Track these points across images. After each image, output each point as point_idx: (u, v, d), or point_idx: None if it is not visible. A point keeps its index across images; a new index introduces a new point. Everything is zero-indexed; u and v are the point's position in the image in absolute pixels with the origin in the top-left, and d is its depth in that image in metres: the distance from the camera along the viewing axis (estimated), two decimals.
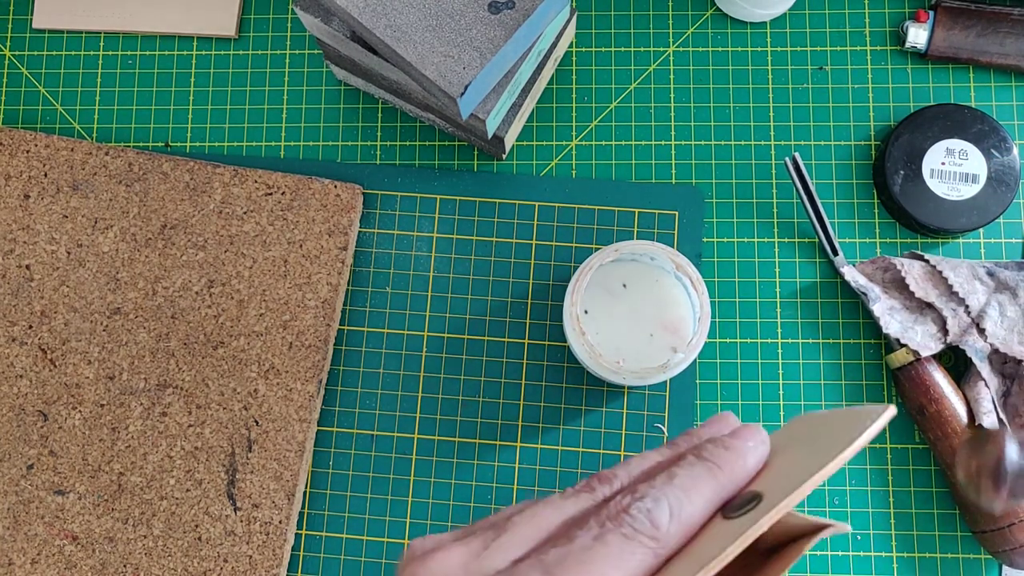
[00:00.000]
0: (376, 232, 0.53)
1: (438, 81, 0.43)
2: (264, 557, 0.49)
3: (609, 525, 0.21)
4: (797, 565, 0.48)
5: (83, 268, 0.52)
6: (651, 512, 0.21)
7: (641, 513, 0.21)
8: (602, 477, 0.24)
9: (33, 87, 0.56)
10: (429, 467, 0.51)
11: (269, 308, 0.51)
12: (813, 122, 0.53)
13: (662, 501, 0.21)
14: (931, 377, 0.47)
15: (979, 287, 0.48)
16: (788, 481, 0.22)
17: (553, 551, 0.20)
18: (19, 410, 0.51)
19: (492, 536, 0.22)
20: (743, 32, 0.54)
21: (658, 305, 0.46)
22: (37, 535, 0.50)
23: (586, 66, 0.54)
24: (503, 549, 0.21)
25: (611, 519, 0.21)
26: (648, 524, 0.21)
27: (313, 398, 0.50)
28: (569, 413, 0.51)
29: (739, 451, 0.23)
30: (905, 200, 0.50)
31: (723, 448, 0.23)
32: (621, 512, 0.21)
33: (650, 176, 0.53)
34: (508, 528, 0.22)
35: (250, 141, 0.55)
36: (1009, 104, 0.52)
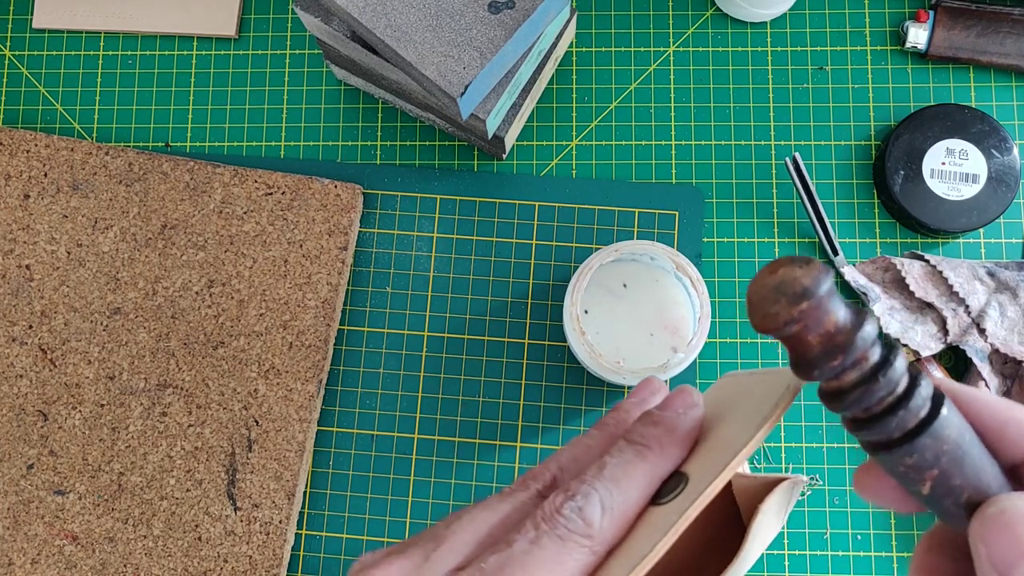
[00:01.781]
0: (376, 232, 0.53)
1: (438, 81, 0.43)
2: (264, 557, 0.49)
3: (544, 527, 0.21)
4: (796, 564, 0.48)
5: (83, 268, 0.52)
6: (583, 511, 0.21)
7: (573, 512, 0.21)
8: (534, 473, 0.23)
9: (33, 87, 0.56)
10: (429, 467, 0.51)
11: (269, 308, 0.51)
12: (813, 122, 0.53)
13: (592, 497, 0.21)
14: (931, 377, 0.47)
15: (979, 287, 0.48)
16: (714, 458, 0.21)
17: (492, 558, 0.20)
18: (19, 410, 0.51)
19: (432, 547, 0.22)
20: (743, 32, 0.54)
21: (658, 305, 0.46)
22: (37, 535, 0.50)
23: (586, 66, 0.54)
24: (443, 559, 0.21)
25: (545, 521, 0.21)
26: (581, 523, 0.21)
27: (313, 398, 0.50)
28: (569, 413, 0.51)
29: (669, 425, 0.23)
30: (905, 200, 0.50)
31: (652, 425, 0.23)
32: (554, 513, 0.21)
33: (650, 176, 0.53)
34: (447, 537, 0.22)
35: (250, 141, 0.55)
36: (1009, 104, 0.52)
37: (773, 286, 0.18)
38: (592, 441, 0.24)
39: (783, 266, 0.18)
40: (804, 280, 0.18)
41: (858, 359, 0.18)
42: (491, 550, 0.21)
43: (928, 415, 0.19)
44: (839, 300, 0.18)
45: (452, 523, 0.22)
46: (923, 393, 0.19)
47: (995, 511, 0.18)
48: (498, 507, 0.22)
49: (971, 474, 0.19)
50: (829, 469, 0.49)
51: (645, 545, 0.20)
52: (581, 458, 0.23)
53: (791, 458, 0.50)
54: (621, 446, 0.22)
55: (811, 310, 0.18)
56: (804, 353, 0.19)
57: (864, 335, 0.18)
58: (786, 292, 0.18)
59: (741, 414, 0.22)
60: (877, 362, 0.19)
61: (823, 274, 0.18)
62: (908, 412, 0.18)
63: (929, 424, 0.18)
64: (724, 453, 0.21)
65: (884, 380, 0.18)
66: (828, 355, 0.18)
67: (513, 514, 0.22)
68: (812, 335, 0.18)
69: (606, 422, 0.25)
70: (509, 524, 0.22)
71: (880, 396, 0.19)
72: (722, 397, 0.25)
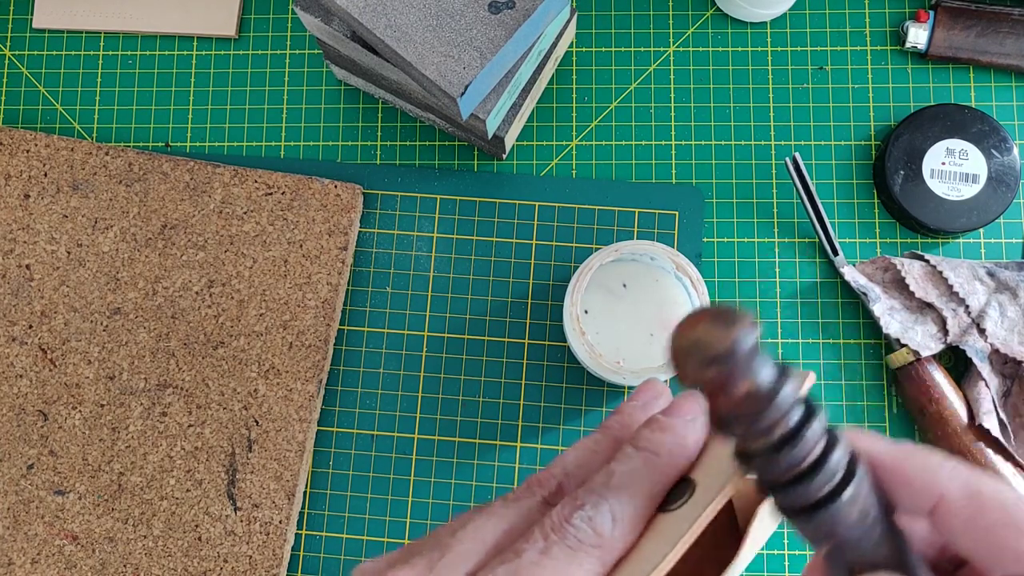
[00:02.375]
0: (376, 232, 0.53)
1: (438, 81, 0.43)
2: (264, 557, 0.49)
3: (553, 537, 0.20)
4: (796, 565, 0.48)
5: (83, 268, 0.52)
6: (592, 520, 0.21)
7: (583, 522, 0.20)
8: (540, 479, 0.23)
9: (33, 87, 0.56)
10: (429, 467, 0.51)
11: (269, 308, 0.51)
12: (813, 122, 0.53)
13: (602, 506, 0.21)
14: (931, 377, 0.47)
15: (979, 287, 0.48)
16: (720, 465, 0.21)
17: (500, 569, 0.20)
18: (19, 410, 0.51)
19: (437, 555, 0.21)
20: (743, 32, 0.54)
21: (658, 305, 0.46)
22: (37, 535, 0.50)
23: (586, 66, 0.54)
24: (448, 568, 0.21)
25: (555, 530, 0.21)
26: (591, 533, 0.20)
27: (313, 398, 0.50)
28: (569, 413, 0.51)
29: (676, 431, 0.22)
30: (905, 200, 0.50)
31: (659, 431, 0.22)
32: (563, 522, 0.21)
33: (650, 176, 0.53)
34: (452, 545, 0.21)
35: (250, 141, 0.55)
36: (1009, 104, 0.52)
37: (687, 344, 0.17)
38: (596, 445, 0.24)
39: (702, 323, 0.17)
40: (717, 345, 0.17)
41: (764, 429, 0.18)
42: (499, 559, 0.20)
43: (830, 492, 0.18)
44: (758, 362, 0.17)
45: (457, 530, 0.22)
46: (829, 469, 0.18)
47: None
48: (504, 514, 0.22)
49: (864, 552, 0.19)
50: None
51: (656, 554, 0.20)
52: (586, 463, 0.23)
53: None
54: (629, 453, 0.22)
55: (720, 376, 0.17)
56: (712, 412, 0.19)
57: (777, 404, 0.18)
58: (697, 354, 0.17)
59: None
60: (784, 434, 0.18)
61: (741, 337, 0.17)
62: (809, 488, 0.18)
63: (830, 501, 0.18)
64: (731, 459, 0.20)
65: (789, 454, 0.18)
66: (733, 421, 0.18)
67: (520, 522, 0.22)
68: (721, 398, 0.18)
69: (609, 425, 0.24)
70: (516, 532, 0.22)
71: (783, 468, 0.18)
72: None
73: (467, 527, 0.22)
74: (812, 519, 0.18)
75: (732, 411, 0.18)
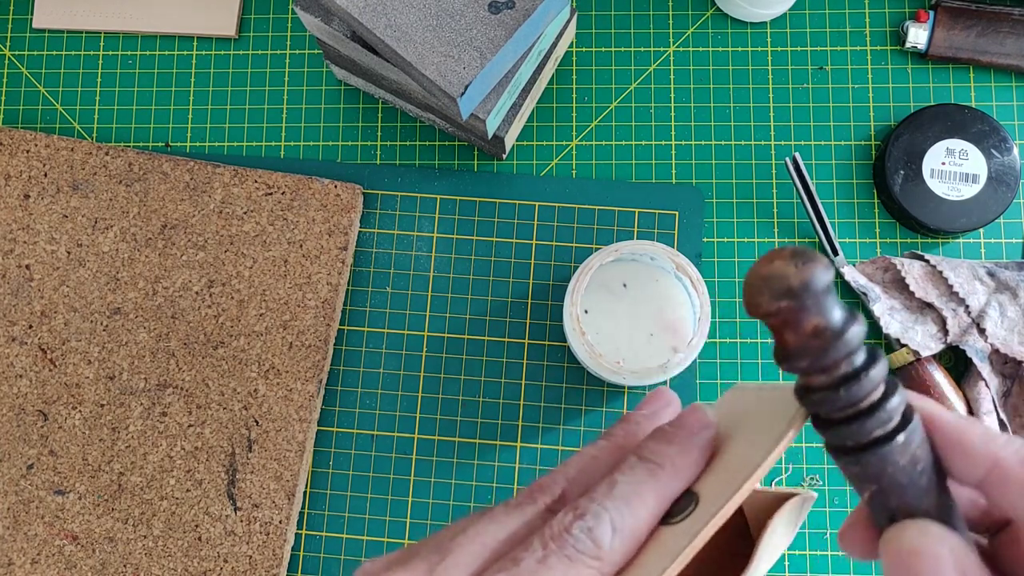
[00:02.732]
0: (376, 232, 0.53)
1: (438, 81, 0.43)
2: (264, 557, 0.49)
3: (552, 547, 0.20)
4: (796, 565, 0.48)
5: (83, 268, 0.52)
6: (592, 531, 0.20)
7: (583, 532, 0.20)
8: (542, 486, 0.23)
9: (33, 87, 0.56)
10: (429, 467, 0.51)
11: (269, 308, 0.51)
12: (813, 122, 0.53)
13: (603, 517, 0.20)
14: (931, 377, 0.47)
15: (979, 287, 0.48)
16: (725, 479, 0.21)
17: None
18: (19, 410, 0.51)
19: (437, 559, 0.21)
20: (743, 32, 0.54)
21: (658, 305, 0.46)
22: (37, 535, 0.50)
23: (586, 66, 0.54)
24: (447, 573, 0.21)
25: (554, 539, 0.20)
26: (591, 544, 0.20)
27: (313, 398, 0.50)
28: (569, 413, 0.51)
29: (682, 443, 0.22)
30: (905, 200, 0.50)
31: (665, 443, 0.22)
32: (563, 532, 0.20)
33: (650, 176, 0.53)
34: (452, 550, 0.21)
35: (250, 141, 0.55)
36: (1009, 104, 0.52)
37: (762, 276, 0.18)
38: (601, 453, 0.23)
39: (779, 259, 0.18)
40: (792, 280, 0.18)
41: (828, 366, 0.18)
42: (497, 567, 0.20)
43: (883, 436, 0.19)
44: (829, 302, 0.18)
45: (457, 534, 0.22)
46: (885, 413, 0.19)
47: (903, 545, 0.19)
48: (505, 520, 0.22)
49: (908, 500, 0.19)
50: (829, 469, 0.49)
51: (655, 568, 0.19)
52: (590, 471, 0.23)
53: (791, 458, 0.50)
54: (632, 463, 0.22)
55: (791, 310, 0.18)
56: (779, 346, 0.19)
57: (843, 344, 0.18)
58: (771, 287, 0.18)
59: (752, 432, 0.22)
60: (847, 373, 0.18)
61: (816, 275, 0.18)
62: (863, 428, 0.19)
63: (881, 445, 0.19)
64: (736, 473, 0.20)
65: (848, 392, 0.18)
66: (799, 355, 0.19)
67: (520, 529, 0.22)
68: (789, 332, 0.18)
69: (615, 433, 0.24)
70: (516, 539, 0.21)
71: (840, 405, 0.19)
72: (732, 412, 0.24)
73: (467, 532, 0.22)
74: (862, 459, 0.19)
75: (798, 345, 0.18)
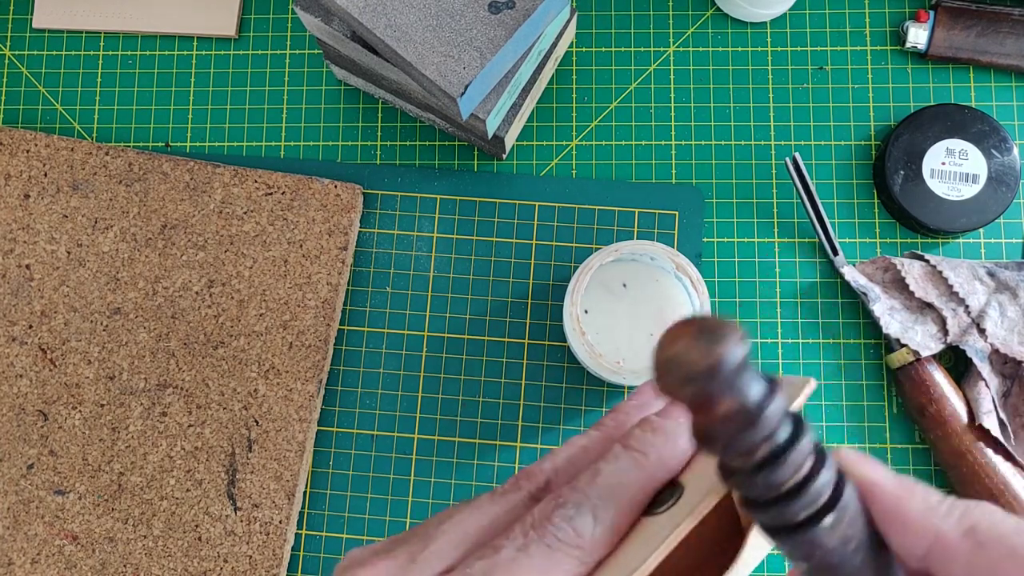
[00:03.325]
0: (376, 232, 0.53)
1: (438, 81, 0.43)
2: (264, 557, 0.49)
3: (533, 535, 0.20)
4: None
5: (83, 268, 0.52)
6: (573, 520, 0.20)
7: (564, 521, 0.20)
8: (528, 474, 0.23)
9: (33, 87, 0.56)
10: (429, 467, 0.51)
11: (269, 308, 0.51)
12: (813, 122, 0.53)
13: (584, 506, 0.20)
14: (931, 377, 0.47)
15: (979, 287, 0.48)
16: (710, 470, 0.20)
17: (478, 564, 0.20)
18: (19, 410, 0.51)
19: (420, 547, 0.21)
20: (743, 32, 0.54)
21: (658, 305, 0.46)
22: (37, 535, 0.50)
23: (586, 66, 0.54)
24: (429, 561, 0.21)
25: (535, 528, 0.20)
26: (571, 533, 0.20)
27: (313, 398, 0.50)
28: (569, 413, 0.51)
29: (668, 432, 0.22)
30: (905, 200, 0.50)
31: (651, 432, 0.22)
32: (544, 521, 0.20)
33: (650, 176, 0.53)
34: (435, 537, 0.21)
35: (250, 141, 0.55)
36: (1009, 104, 0.52)
37: (666, 360, 0.16)
38: (589, 443, 0.23)
39: (683, 338, 0.16)
40: (697, 363, 0.16)
41: (746, 449, 0.17)
42: (477, 554, 0.20)
43: (807, 519, 0.18)
44: (743, 380, 0.16)
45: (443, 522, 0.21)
46: (811, 495, 0.17)
47: None
48: (488, 508, 0.22)
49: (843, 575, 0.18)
50: None
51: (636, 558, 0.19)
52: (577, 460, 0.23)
53: None
54: (617, 452, 0.22)
55: (699, 395, 0.16)
56: (694, 427, 0.18)
57: (762, 423, 0.17)
58: (676, 371, 0.16)
59: None
60: (766, 456, 0.17)
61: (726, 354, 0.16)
62: (788, 511, 0.18)
63: (808, 527, 0.18)
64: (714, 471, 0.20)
65: (768, 476, 0.17)
66: (712, 439, 0.17)
67: (503, 516, 0.22)
68: (700, 417, 0.17)
69: (605, 423, 0.24)
70: (499, 527, 0.21)
71: (762, 488, 0.18)
72: None
73: (451, 519, 0.21)
74: (790, 539, 0.18)
75: (712, 429, 0.17)
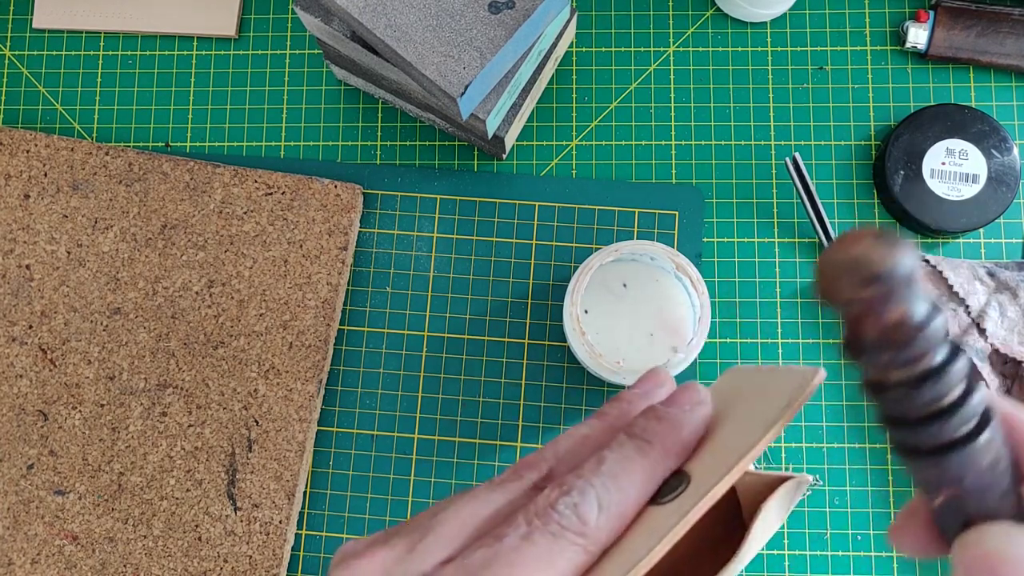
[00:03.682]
0: (376, 232, 0.53)
1: (438, 81, 0.43)
2: (264, 557, 0.49)
3: (536, 523, 0.20)
4: (796, 565, 0.48)
5: (83, 268, 0.52)
6: (578, 507, 0.20)
7: (568, 509, 0.20)
8: (530, 462, 0.22)
9: (33, 87, 0.56)
10: (429, 467, 0.51)
11: (269, 308, 0.51)
12: (813, 122, 0.53)
13: (589, 494, 0.20)
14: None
15: (979, 287, 0.48)
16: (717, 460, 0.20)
17: (480, 552, 0.19)
18: (19, 410, 0.51)
19: (418, 537, 0.20)
20: (743, 32, 0.54)
21: (658, 305, 0.46)
22: (37, 535, 0.50)
23: (586, 66, 0.54)
24: (429, 551, 0.20)
25: (538, 516, 0.20)
26: (576, 520, 0.19)
27: (313, 398, 0.50)
28: (569, 413, 0.51)
29: (674, 421, 0.21)
30: (905, 200, 0.50)
31: (655, 420, 0.22)
32: (548, 508, 0.20)
33: (650, 176, 0.53)
34: (434, 527, 0.21)
35: (250, 141, 0.55)
36: (1009, 104, 0.52)
37: (845, 261, 0.16)
38: (592, 432, 0.23)
39: (864, 241, 0.16)
40: (879, 264, 0.16)
41: (910, 360, 0.17)
42: (479, 543, 0.20)
43: (963, 437, 0.17)
44: (915, 291, 0.17)
45: (439, 512, 0.21)
46: (967, 413, 0.17)
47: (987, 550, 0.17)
48: (489, 498, 0.21)
49: (989, 503, 0.18)
50: (829, 469, 0.49)
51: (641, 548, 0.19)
52: (579, 450, 0.22)
53: (791, 458, 0.50)
54: (622, 440, 0.21)
55: (876, 298, 0.16)
56: (857, 336, 0.17)
57: (926, 337, 0.17)
58: (856, 272, 0.16)
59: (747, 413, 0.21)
60: (930, 368, 0.17)
61: (904, 260, 0.16)
62: (945, 428, 0.17)
63: (964, 445, 0.17)
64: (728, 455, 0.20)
65: (930, 390, 0.17)
66: (879, 347, 0.17)
67: (505, 506, 0.21)
68: (870, 322, 0.17)
69: (607, 412, 0.23)
70: (500, 516, 0.21)
71: (919, 404, 0.17)
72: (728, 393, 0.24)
73: (450, 509, 0.21)
74: (941, 462, 0.17)
75: (880, 337, 0.17)
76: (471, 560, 0.19)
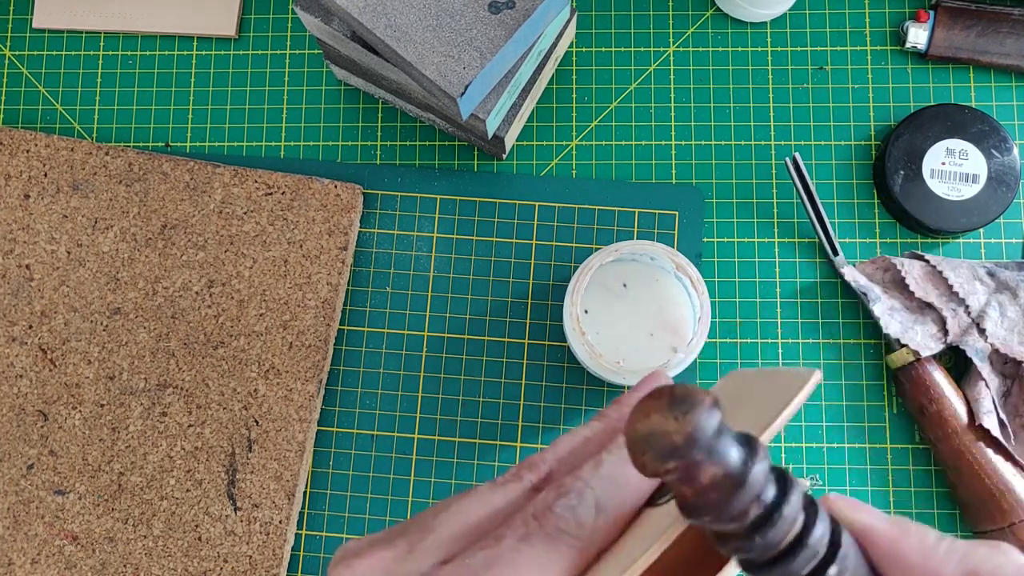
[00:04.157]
0: (376, 232, 0.53)
1: (438, 81, 0.43)
2: (264, 557, 0.49)
3: (535, 524, 0.20)
4: None
5: (83, 268, 0.52)
6: (575, 509, 0.20)
7: (565, 511, 0.20)
8: (530, 464, 0.22)
9: (33, 87, 0.56)
10: (429, 467, 0.51)
11: (269, 308, 0.51)
12: (813, 122, 0.53)
13: (587, 496, 0.20)
14: (931, 377, 0.47)
15: (979, 287, 0.48)
16: None
17: (479, 554, 0.20)
18: (19, 410, 0.51)
19: (418, 537, 0.21)
20: (743, 32, 0.54)
21: (658, 305, 0.46)
22: (37, 535, 0.50)
23: (586, 66, 0.54)
24: (428, 551, 0.20)
25: (537, 518, 0.20)
26: (573, 522, 0.20)
27: (313, 398, 0.50)
28: (569, 413, 0.51)
29: None
30: (905, 200, 0.50)
31: None
32: (546, 510, 0.20)
33: (650, 176, 0.53)
34: (434, 527, 0.21)
35: (250, 141, 0.55)
36: (1009, 104, 0.52)
37: (642, 435, 0.16)
38: (591, 433, 0.23)
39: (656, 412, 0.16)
40: (675, 436, 0.16)
41: (737, 513, 0.17)
42: (478, 545, 0.20)
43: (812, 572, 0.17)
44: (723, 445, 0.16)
45: (440, 512, 0.21)
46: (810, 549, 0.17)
47: None
48: (489, 498, 0.22)
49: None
50: (829, 469, 0.49)
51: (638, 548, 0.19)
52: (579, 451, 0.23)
53: (791, 458, 0.50)
54: (620, 443, 0.21)
55: (681, 467, 0.16)
56: (680, 500, 0.17)
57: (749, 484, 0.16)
58: (654, 447, 0.16)
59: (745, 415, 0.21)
60: (757, 517, 0.17)
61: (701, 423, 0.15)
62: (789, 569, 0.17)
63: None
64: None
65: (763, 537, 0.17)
66: (701, 510, 0.17)
67: (505, 507, 0.21)
68: (687, 488, 0.17)
69: (607, 414, 0.24)
70: (500, 517, 0.21)
71: (760, 550, 0.17)
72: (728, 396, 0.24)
73: (450, 509, 0.21)
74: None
75: (701, 500, 0.17)
76: (471, 561, 0.20)
